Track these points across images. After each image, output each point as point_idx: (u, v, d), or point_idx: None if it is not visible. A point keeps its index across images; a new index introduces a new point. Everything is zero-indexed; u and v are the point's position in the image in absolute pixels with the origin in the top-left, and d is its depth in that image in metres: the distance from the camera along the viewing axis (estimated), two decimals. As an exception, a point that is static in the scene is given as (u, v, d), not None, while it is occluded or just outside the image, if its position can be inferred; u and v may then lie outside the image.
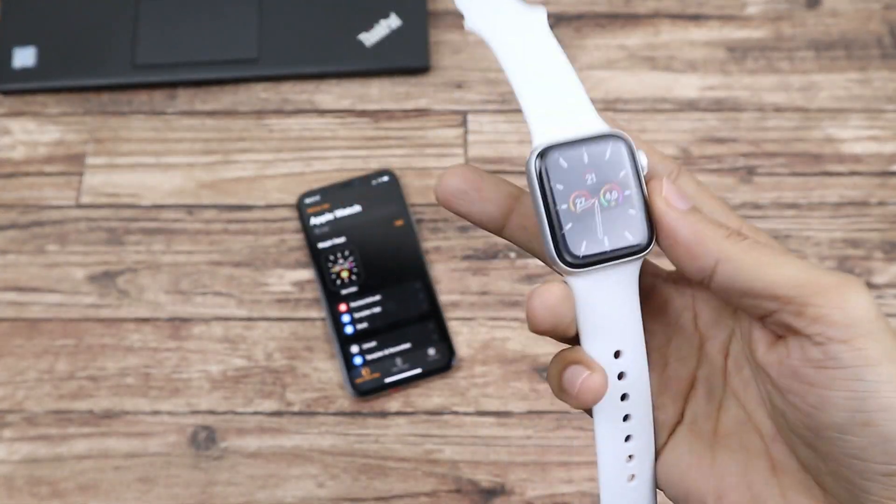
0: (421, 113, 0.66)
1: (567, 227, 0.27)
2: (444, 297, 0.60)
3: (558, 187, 0.27)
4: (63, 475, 0.56)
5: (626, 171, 0.28)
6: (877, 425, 0.25)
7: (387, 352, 0.58)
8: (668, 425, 0.31)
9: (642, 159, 0.28)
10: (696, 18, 0.69)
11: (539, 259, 0.30)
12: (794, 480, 0.28)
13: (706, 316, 0.31)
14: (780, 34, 0.68)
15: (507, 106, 0.66)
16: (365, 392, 0.57)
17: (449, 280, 0.61)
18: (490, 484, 0.56)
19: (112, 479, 0.56)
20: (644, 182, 0.28)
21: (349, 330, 0.59)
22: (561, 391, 0.29)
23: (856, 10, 0.69)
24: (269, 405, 0.58)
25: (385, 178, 0.63)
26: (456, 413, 0.57)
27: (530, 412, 0.57)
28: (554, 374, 0.29)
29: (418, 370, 0.58)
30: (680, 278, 0.31)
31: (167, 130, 0.65)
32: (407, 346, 0.59)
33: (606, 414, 0.30)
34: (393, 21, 0.67)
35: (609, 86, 0.66)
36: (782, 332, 0.27)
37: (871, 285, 0.60)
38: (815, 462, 0.28)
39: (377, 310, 0.59)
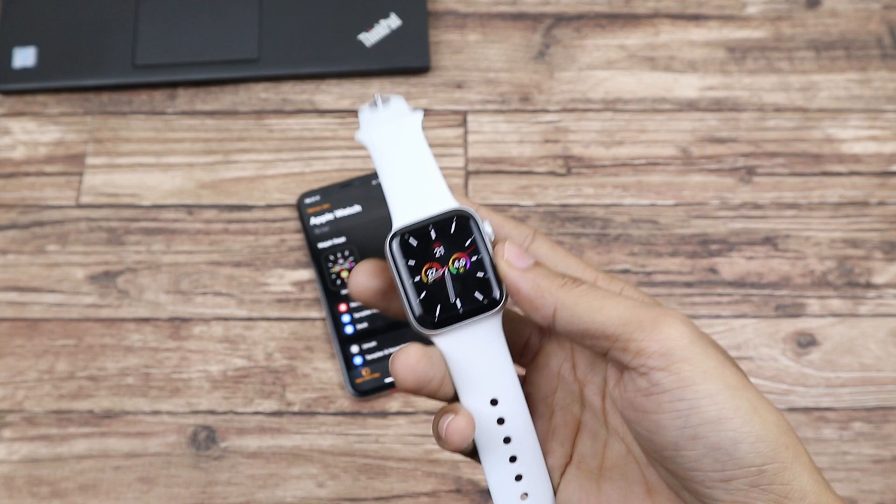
0: (421, 113, 0.66)
1: (421, 295, 0.31)
2: (444, 297, 0.60)
3: (410, 263, 0.32)
4: (63, 475, 0.56)
5: (472, 240, 0.31)
6: (703, 437, 0.28)
7: (387, 352, 0.58)
8: (558, 467, 0.34)
9: (487, 228, 0.32)
10: (696, 18, 0.69)
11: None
12: (665, 499, 0.32)
13: (583, 364, 0.34)
14: (780, 34, 0.68)
15: (507, 106, 0.66)
16: (365, 392, 0.57)
17: (449, 280, 0.61)
18: (490, 484, 0.56)
19: (112, 479, 0.56)
20: (490, 248, 0.32)
21: (349, 330, 0.59)
22: (438, 438, 0.32)
23: (855, 10, 0.69)
24: (269, 405, 0.58)
25: (385, 178, 0.63)
26: (456, 413, 0.57)
27: (530, 412, 0.57)
28: (433, 425, 0.32)
29: (418, 370, 0.58)
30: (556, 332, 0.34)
31: (167, 130, 0.65)
32: (407, 346, 0.58)
33: (492, 457, 0.33)
34: (393, 21, 0.67)
35: (609, 86, 0.66)
36: (619, 368, 0.31)
37: (870, 285, 0.60)
38: (670, 480, 0.31)
39: (377, 310, 0.59)
